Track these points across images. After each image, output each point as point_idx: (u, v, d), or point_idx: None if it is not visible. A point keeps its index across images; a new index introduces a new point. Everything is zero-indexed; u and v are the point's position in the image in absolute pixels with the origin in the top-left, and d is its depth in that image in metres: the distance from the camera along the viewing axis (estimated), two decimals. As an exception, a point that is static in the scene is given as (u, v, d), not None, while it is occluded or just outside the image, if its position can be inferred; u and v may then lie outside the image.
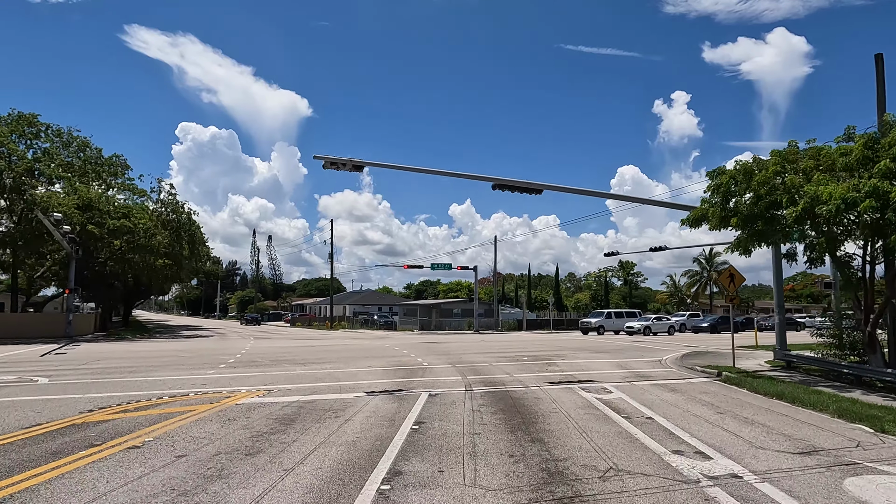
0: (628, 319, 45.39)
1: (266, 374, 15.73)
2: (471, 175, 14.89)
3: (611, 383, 14.28)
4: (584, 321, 46.37)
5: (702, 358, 22.14)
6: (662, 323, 44.92)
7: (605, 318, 45.90)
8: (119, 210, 34.32)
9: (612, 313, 46.77)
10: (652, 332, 43.67)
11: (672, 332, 44.66)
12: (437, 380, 14.67)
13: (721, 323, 48.69)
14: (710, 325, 47.70)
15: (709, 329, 47.26)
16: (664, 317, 47.93)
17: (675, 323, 45.99)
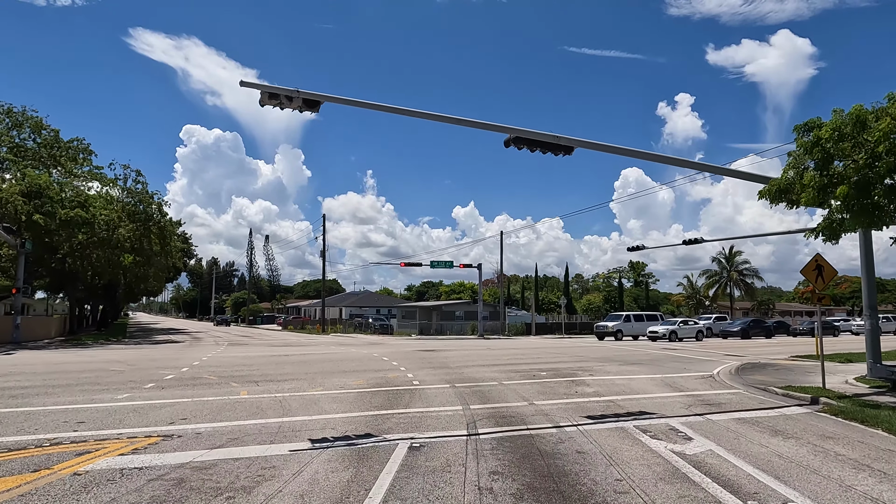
0: (650, 323, 40.94)
1: (189, 403, 11.41)
2: (473, 122, 10.56)
3: (675, 418, 9.93)
4: (601, 325, 41.76)
5: (764, 372, 17.74)
6: (689, 327, 40.36)
7: (624, 321, 41.39)
8: (73, 199, 30.10)
9: (632, 316, 42.31)
10: (678, 337, 39.22)
11: (700, 337, 40.18)
12: (426, 413, 10.32)
13: (753, 327, 44.43)
14: (740, 330, 43.35)
15: (739, 334, 42.90)
16: (690, 320, 43.32)
17: (703, 327, 41.44)
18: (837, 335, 48.10)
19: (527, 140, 11.35)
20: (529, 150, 11.64)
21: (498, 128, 10.54)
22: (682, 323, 40.89)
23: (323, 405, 11.00)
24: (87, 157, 34.56)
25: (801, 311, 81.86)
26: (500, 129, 10.57)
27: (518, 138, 11.31)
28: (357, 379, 15.38)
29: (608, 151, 11.74)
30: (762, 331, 44.38)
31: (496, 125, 10.52)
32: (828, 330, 47.76)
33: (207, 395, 12.32)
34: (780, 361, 21.64)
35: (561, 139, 11.32)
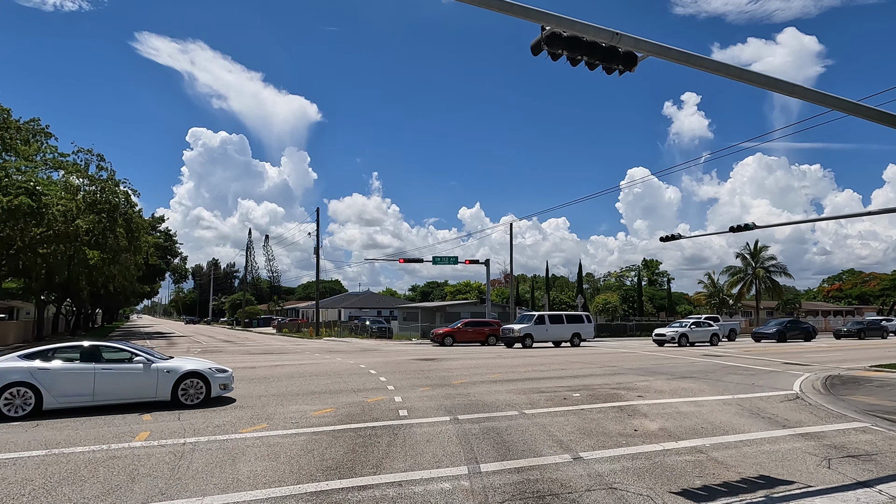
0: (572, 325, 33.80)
1: (35, 460, 7.30)
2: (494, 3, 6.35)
3: (831, 495, 5.72)
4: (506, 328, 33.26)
5: (865, 391, 13.49)
6: (703, 330, 35.45)
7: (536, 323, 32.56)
8: (19, 185, 26.11)
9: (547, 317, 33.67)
10: (689, 341, 34.36)
11: (715, 341, 35.29)
12: (406, 485, 6.13)
13: (790, 328, 39.80)
14: (776, 332, 38.63)
15: (775, 336, 38.25)
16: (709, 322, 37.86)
17: (717, 330, 36.41)
18: (886, 337, 43.40)
19: (568, 41, 7.18)
20: (570, 60, 7.46)
21: (524, 11, 6.33)
22: (693, 325, 35.71)
23: (242, 467, 6.81)
24: (43, 141, 30.54)
25: (828, 310, 77.02)
26: (528, 13, 6.36)
27: (555, 36, 7.14)
28: (323, 405, 11.20)
29: (696, 66, 7.60)
30: (800, 332, 39.77)
31: (524, 7, 6.32)
32: (875, 331, 43.12)
33: (85, 440, 8.17)
34: (866, 374, 17.29)
35: (622, 38, 7.15)
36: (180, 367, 11.33)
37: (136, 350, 11.43)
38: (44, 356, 10.43)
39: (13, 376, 9.93)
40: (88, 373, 10.51)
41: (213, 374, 11.53)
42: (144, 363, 11.06)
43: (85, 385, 10.45)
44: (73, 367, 10.51)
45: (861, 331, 42.44)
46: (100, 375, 10.58)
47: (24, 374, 10.04)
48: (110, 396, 10.68)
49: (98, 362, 10.75)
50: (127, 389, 10.82)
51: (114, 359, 11.00)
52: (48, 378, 10.16)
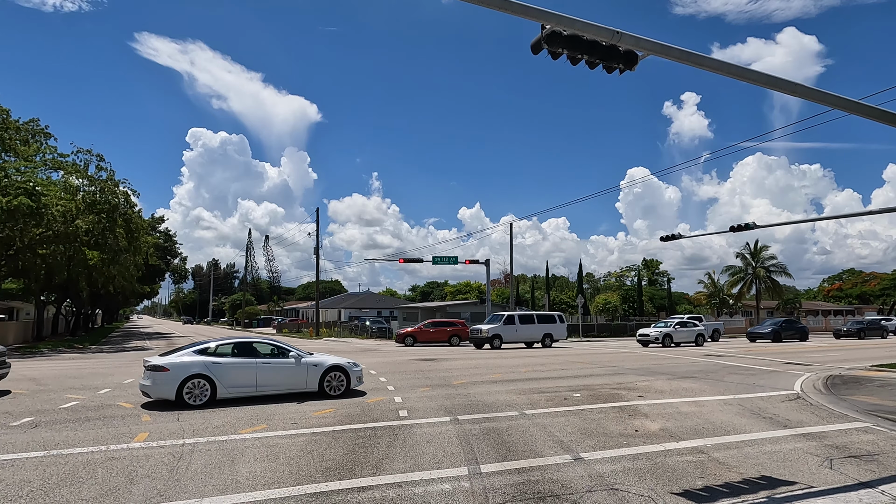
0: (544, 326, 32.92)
1: (35, 461, 7.31)
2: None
3: (833, 496, 5.71)
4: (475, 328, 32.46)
5: (866, 391, 13.47)
6: (689, 330, 34.78)
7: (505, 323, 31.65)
8: (19, 186, 26.05)
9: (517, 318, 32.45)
10: (674, 341, 33.73)
11: (701, 341, 34.68)
12: (407, 485, 6.10)
13: (785, 328, 39.54)
14: (771, 332, 38.45)
15: (771, 336, 38.07)
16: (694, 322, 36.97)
17: (703, 330, 35.72)
18: (886, 336, 43.29)
19: (569, 39, 7.14)
20: (570, 59, 7.43)
21: (524, 10, 6.27)
22: (677, 325, 34.94)
23: (241, 468, 6.78)
24: (42, 141, 30.48)
25: (828, 309, 76.94)
26: (528, 12, 6.31)
27: (555, 35, 7.10)
28: (323, 406, 11.17)
29: (697, 65, 7.57)
30: (795, 332, 39.57)
31: (523, 6, 6.27)
32: (875, 331, 43.04)
33: (84, 441, 8.14)
34: (867, 374, 17.26)
35: (622, 37, 7.11)
36: (325, 362, 12.49)
37: (288, 347, 12.57)
38: (214, 351, 11.58)
39: (193, 369, 11.10)
40: (252, 366, 11.71)
41: (352, 367, 12.70)
42: (296, 358, 12.23)
43: (249, 377, 11.65)
44: (240, 361, 11.71)
45: (861, 330, 42.33)
46: (261, 369, 11.77)
47: (202, 367, 11.19)
48: (270, 388, 11.89)
49: (258, 357, 11.96)
50: (283, 381, 12.01)
51: (271, 354, 12.17)
52: (220, 371, 11.32)
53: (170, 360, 11.18)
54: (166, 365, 11.03)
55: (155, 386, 10.93)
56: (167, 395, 10.92)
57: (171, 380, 10.91)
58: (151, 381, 10.97)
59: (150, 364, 11.15)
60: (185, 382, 10.94)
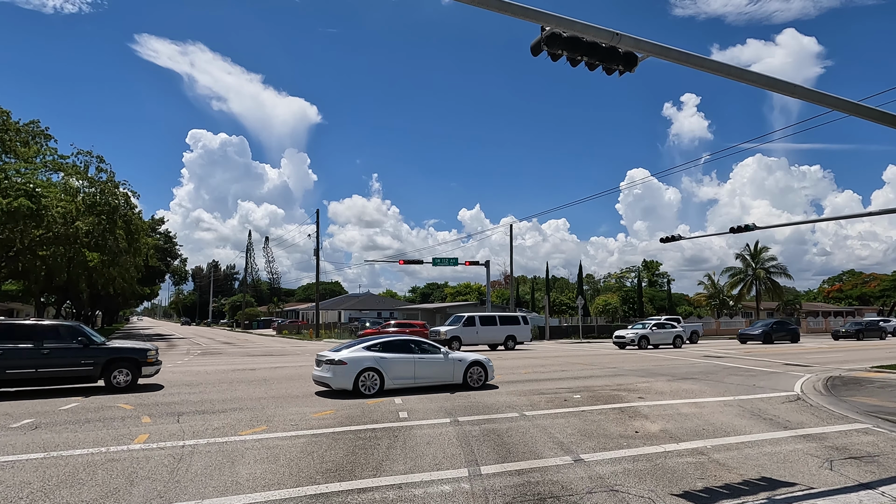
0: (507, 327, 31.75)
1: (36, 462, 7.34)
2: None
3: (833, 497, 5.72)
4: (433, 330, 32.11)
5: (866, 392, 13.47)
6: (666, 332, 34.00)
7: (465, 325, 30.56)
8: (19, 187, 26.05)
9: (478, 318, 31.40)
10: (650, 343, 32.99)
11: (679, 343, 34.00)
12: (407, 487, 6.09)
13: (777, 329, 38.79)
14: (762, 334, 37.66)
15: (761, 338, 37.21)
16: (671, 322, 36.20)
17: (682, 332, 34.91)
18: (885, 338, 43.20)
19: (568, 41, 7.15)
20: (570, 60, 7.44)
21: (524, 11, 6.28)
22: (655, 326, 34.14)
23: (241, 469, 6.78)
24: (42, 143, 30.47)
25: (828, 310, 76.91)
26: (527, 13, 6.32)
27: (555, 37, 7.11)
28: (323, 407, 11.16)
29: (697, 67, 7.58)
30: (787, 334, 38.88)
31: (522, 7, 6.28)
32: (873, 332, 42.97)
33: (84, 442, 8.13)
34: (867, 375, 17.26)
35: (622, 39, 7.12)
36: (468, 358, 14.11)
37: (437, 344, 14.17)
38: (380, 347, 13.14)
39: (366, 363, 12.70)
40: (411, 361, 13.26)
41: (488, 363, 14.33)
42: (444, 354, 13.80)
43: (409, 370, 13.18)
44: (401, 356, 13.22)
45: (859, 331, 42.15)
46: (418, 363, 13.34)
47: (373, 361, 12.79)
48: (424, 380, 13.40)
49: (415, 353, 13.46)
50: (434, 374, 13.52)
51: (424, 350, 13.68)
52: (387, 364, 12.91)
53: (346, 355, 12.73)
54: (344, 359, 12.60)
55: (335, 377, 12.51)
56: (346, 385, 12.50)
57: (349, 372, 12.51)
58: (332, 373, 12.52)
59: (328, 358, 12.70)
60: (360, 374, 12.57)
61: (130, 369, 13.80)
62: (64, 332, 13.49)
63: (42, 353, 12.92)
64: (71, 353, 13.24)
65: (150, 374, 14.24)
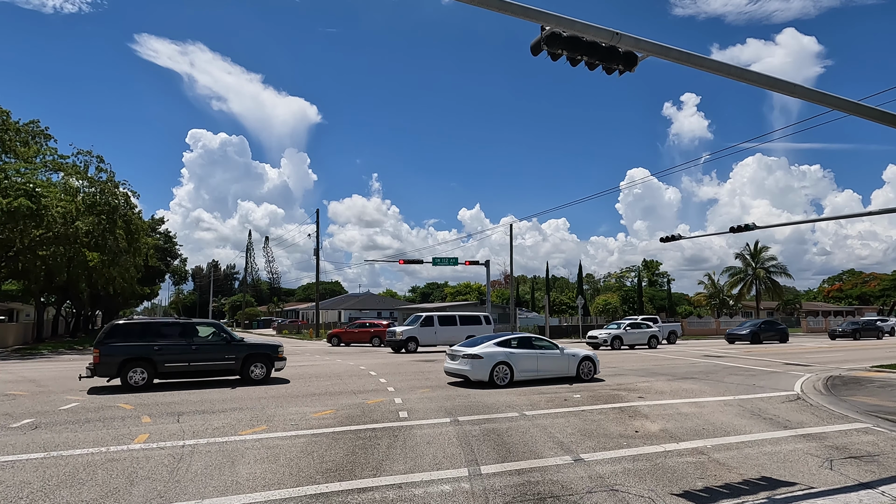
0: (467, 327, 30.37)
1: (35, 462, 7.35)
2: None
3: (833, 496, 5.73)
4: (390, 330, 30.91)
5: (866, 391, 13.48)
6: (641, 332, 32.92)
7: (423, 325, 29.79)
8: (19, 187, 26.04)
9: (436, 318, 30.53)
10: (624, 343, 31.79)
11: (654, 343, 33.15)
12: (407, 486, 6.09)
13: (765, 329, 38.02)
14: (750, 333, 36.77)
15: (749, 338, 36.48)
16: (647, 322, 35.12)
17: (657, 332, 33.84)
18: (881, 337, 43.15)
19: (568, 40, 7.15)
20: (570, 60, 7.45)
21: (524, 11, 6.29)
22: (629, 326, 33.09)
23: (241, 469, 6.78)
24: (42, 143, 30.48)
25: (828, 310, 76.94)
26: (527, 13, 6.33)
27: (554, 36, 7.12)
28: (323, 407, 11.16)
29: (697, 66, 7.59)
30: (775, 333, 37.76)
31: (522, 7, 6.29)
32: (870, 331, 42.85)
33: (84, 442, 8.14)
34: (867, 374, 17.27)
35: (622, 38, 7.13)
36: (580, 353, 15.73)
37: (554, 342, 16.09)
38: (508, 343, 14.82)
39: (499, 357, 14.32)
40: (534, 356, 14.93)
41: (595, 358, 15.98)
42: (561, 350, 15.49)
43: (533, 364, 14.81)
44: (527, 351, 14.88)
45: (856, 331, 41.86)
46: (540, 358, 15.00)
47: (505, 355, 14.42)
48: (544, 373, 15.01)
49: (537, 349, 15.14)
50: (553, 368, 15.16)
51: (543, 346, 15.40)
52: (515, 359, 14.55)
53: (482, 350, 14.37)
54: (481, 354, 14.22)
55: (473, 370, 14.14)
56: (482, 377, 14.10)
57: (485, 365, 14.12)
58: (470, 366, 14.16)
59: (465, 353, 14.38)
60: (494, 367, 14.17)
61: (265, 364, 15.29)
62: (208, 331, 15.30)
63: (192, 349, 14.52)
64: (216, 349, 14.88)
65: (279, 368, 15.59)
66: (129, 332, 14.25)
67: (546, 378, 14.98)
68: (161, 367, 14.06)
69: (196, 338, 14.77)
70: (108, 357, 13.58)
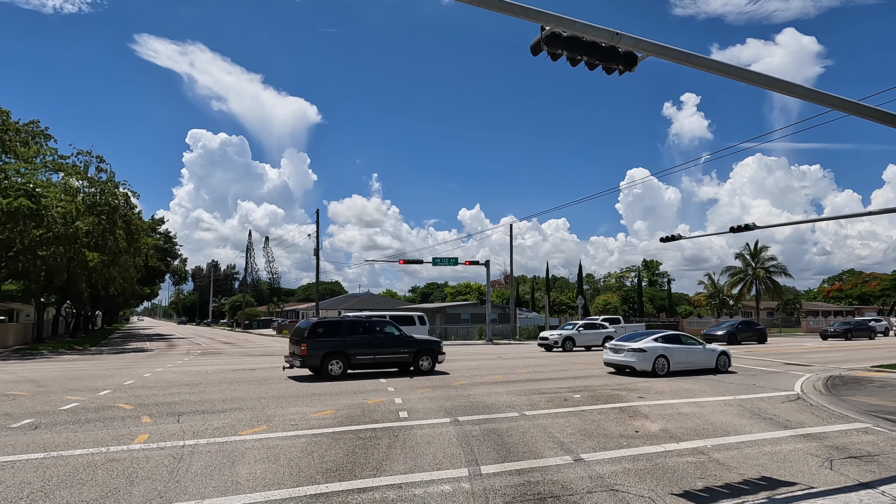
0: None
1: (35, 463, 7.36)
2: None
3: (833, 497, 5.74)
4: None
5: (866, 391, 13.49)
6: (596, 332, 31.44)
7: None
8: (19, 187, 26.03)
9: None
10: (576, 344, 30.30)
11: None
12: (407, 486, 6.09)
13: (742, 330, 37.15)
14: (726, 334, 35.83)
15: (725, 339, 35.17)
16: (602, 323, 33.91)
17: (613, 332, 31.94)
18: (874, 337, 42.90)
19: (568, 40, 7.15)
20: (570, 60, 7.45)
21: (524, 11, 6.30)
22: (582, 327, 31.81)
23: (241, 469, 6.78)
24: (42, 143, 30.45)
25: (828, 310, 76.94)
26: (527, 13, 6.33)
27: (554, 36, 7.12)
28: (323, 407, 11.17)
29: (697, 66, 7.59)
30: (753, 334, 37.11)
31: (522, 7, 6.29)
32: (862, 332, 42.64)
33: (84, 442, 8.13)
34: (867, 374, 17.28)
35: (622, 38, 7.13)
36: (718, 349, 18.25)
37: (699, 339, 18.59)
38: (661, 339, 17.29)
39: (659, 351, 16.84)
40: (685, 350, 17.48)
41: (729, 353, 18.61)
42: (703, 345, 18.06)
43: (684, 357, 17.33)
44: (679, 346, 17.37)
45: (848, 331, 41.51)
46: (689, 352, 17.51)
47: (663, 349, 16.92)
48: (693, 365, 17.51)
49: (685, 344, 17.64)
50: (699, 360, 17.66)
51: (690, 342, 17.93)
52: (670, 352, 17.03)
53: (644, 345, 16.93)
54: (644, 348, 16.78)
55: (638, 361, 16.68)
56: (646, 367, 16.56)
57: (649, 358, 16.65)
58: (636, 358, 16.71)
59: (631, 347, 16.93)
60: (656, 359, 16.65)
61: (431, 357, 17.64)
62: (385, 327, 17.58)
63: (375, 345, 16.77)
64: (394, 343, 17.14)
65: (440, 361, 17.87)
66: (328, 330, 16.46)
67: (692, 370, 17.36)
68: (353, 360, 16.37)
69: (377, 335, 17.03)
70: (314, 351, 15.76)
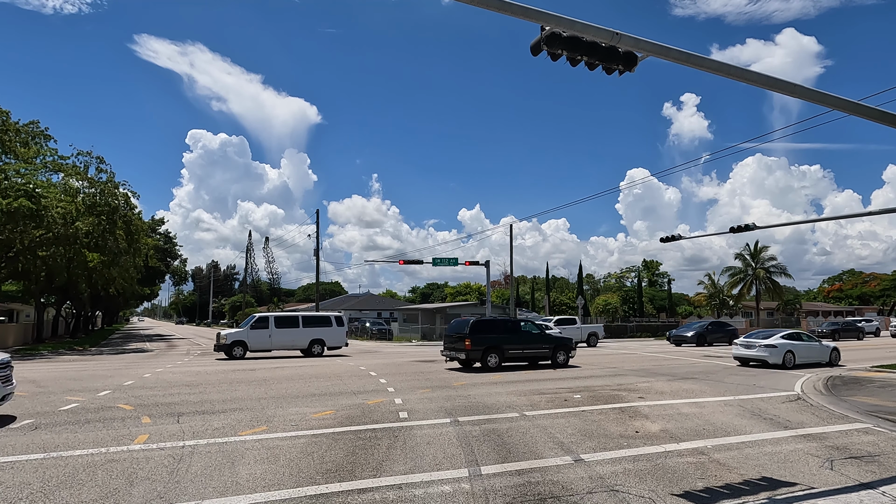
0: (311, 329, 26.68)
1: (34, 463, 7.34)
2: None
3: (833, 497, 5.73)
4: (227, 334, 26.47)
5: (866, 391, 13.51)
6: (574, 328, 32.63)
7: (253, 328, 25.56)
8: (19, 188, 26.02)
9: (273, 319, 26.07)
10: None
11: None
12: (407, 487, 6.08)
13: (712, 331, 36.93)
14: (695, 336, 35.59)
15: (694, 340, 35.22)
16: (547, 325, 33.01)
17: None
18: (862, 338, 42.79)
19: (568, 41, 7.15)
20: (570, 60, 7.44)
21: (524, 11, 6.29)
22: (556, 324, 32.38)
23: (241, 470, 6.77)
24: (42, 143, 30.44)
25: (828, 310, 76.96)
26: (527, 13, 6.32)
27: (554, 36, 7.11)
28: (323, 407, 11.16)
29: (697, 66, 7.58)
30: (724, 335, 36.69)
31: (522, 7, 6.29)
32: (850, 332, 42.52)
33: (84, 443, 8.13)
34: (867, 374, 17.27)
35: (622, 38, 7.12)
36: (830, 345, 20.89)
37: (814, 336, 21.30)
38: (785, 337, 19.85)
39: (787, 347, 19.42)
40: (805, 346, 19.90)
41: (839, 349, 21.15)
42: (819, 341, 20.74)
43: (805, 352, 19.75)
44: (800, 343, 19.90)
45: (835, 332, 41.19)
46: (809, 348, 19.95)
47: (790, 346, 19.39)
48: (812, 359, 19.85)
49: (805, 341, 20.10)
50: (815, 355, 20.02)
51: (809, 339, 20.38)
52: (795, 348, 19.49)
53: (774, 341, 19.31)
54: (775, 344, 19.24)
55: (771, 356, 19.08)
56: (777, 361, 19.01)
57: (779, 353, 19.07)
58: (769, 353, 19.11)
59: (764, 344, 19.33)
60: (785, 354, 19.11)
61: (566, 352, 20.05)
62: (528, 326, 20.52)
63: (522, 339, 19.35)
64: (536, 339, 19.70)
65: (572, 356, 20.21)
66: (485, 327, 18.84)
67: (811, 363, 19.65)
68: (506, 354, 18.68)
69: (522, 332, 19.62)
70: (476, 346, 18.15)
